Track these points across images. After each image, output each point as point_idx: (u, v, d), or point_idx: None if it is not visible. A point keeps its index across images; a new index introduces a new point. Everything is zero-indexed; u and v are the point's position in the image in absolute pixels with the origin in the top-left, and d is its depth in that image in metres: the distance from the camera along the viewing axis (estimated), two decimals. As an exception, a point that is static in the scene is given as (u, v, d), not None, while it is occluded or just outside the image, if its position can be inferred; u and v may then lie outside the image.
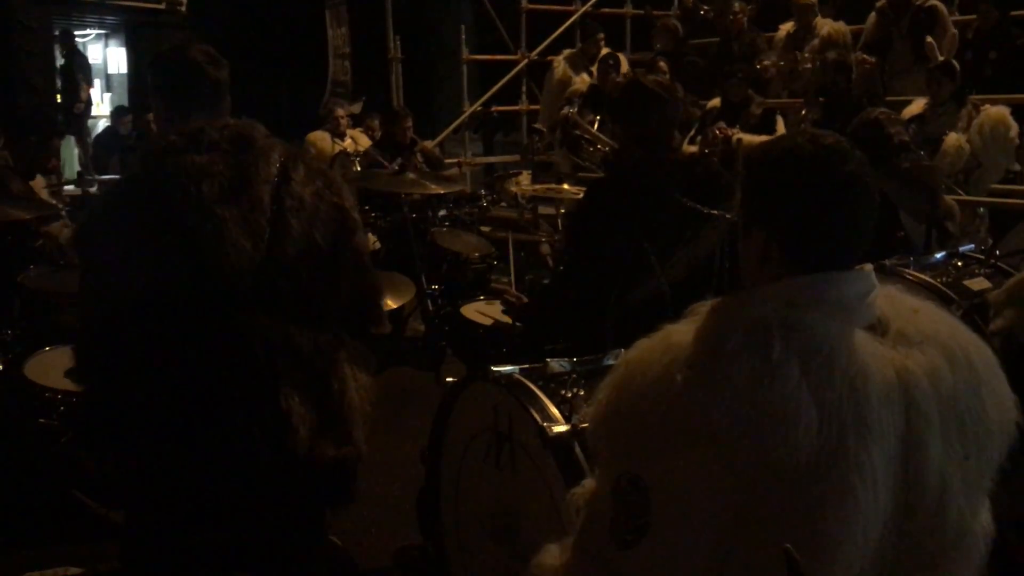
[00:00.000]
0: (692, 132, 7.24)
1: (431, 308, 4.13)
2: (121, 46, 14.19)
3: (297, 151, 2.21)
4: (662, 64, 7.87)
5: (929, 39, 6.51)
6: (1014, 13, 6.86)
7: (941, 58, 6.30)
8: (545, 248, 6.01)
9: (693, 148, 7.00)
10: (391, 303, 3.33)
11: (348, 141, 7.52)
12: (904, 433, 1.31)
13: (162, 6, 11.47)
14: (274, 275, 2.03)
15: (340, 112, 7.85)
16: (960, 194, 5.81)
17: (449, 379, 2.57)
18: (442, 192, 4.66)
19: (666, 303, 2.71)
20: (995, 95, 6.30)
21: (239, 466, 1.98)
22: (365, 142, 7.55)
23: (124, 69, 14.23)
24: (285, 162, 2.10)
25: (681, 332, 1.39)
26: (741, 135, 6.77)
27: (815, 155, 1.39)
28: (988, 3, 6.74)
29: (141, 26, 12.31)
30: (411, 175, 4.29)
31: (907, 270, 3.17)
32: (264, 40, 12.83)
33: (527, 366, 2.29)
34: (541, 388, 2.18)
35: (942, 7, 6.94)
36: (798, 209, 1.40)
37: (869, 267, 1.42)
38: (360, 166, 6.02)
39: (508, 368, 2.25)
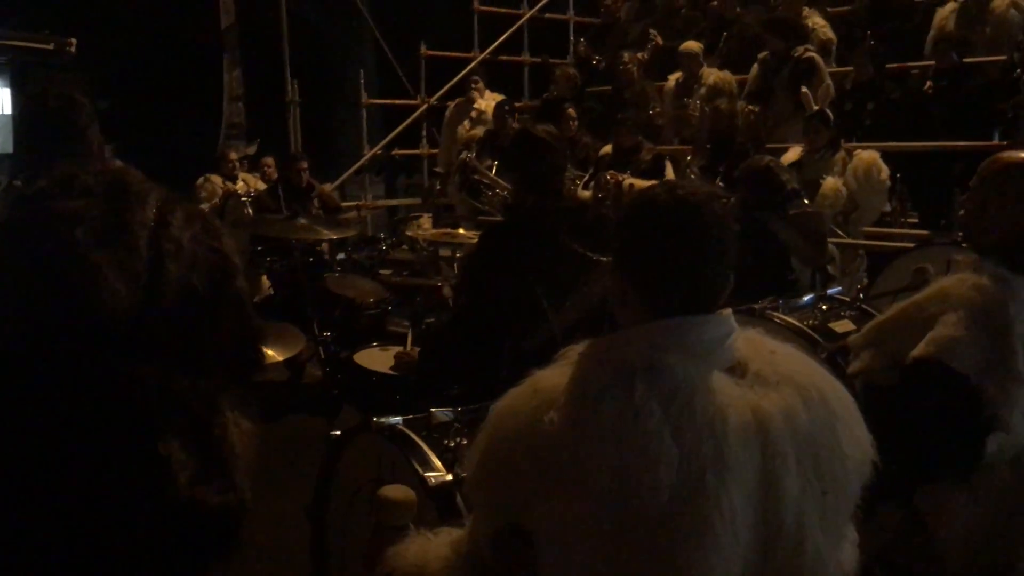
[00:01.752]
0: (586, 177, 7.40)
1: (322, 355, 4.07)
2: (6, 87, 13.71)
3: (174, 195, 2.17)
4: (571, 111, 8.04)
5: (804, 89, 6.84)
6: (889, 67, 7.27)
7: (816, 107, 6.62)
8: (447, 291, 6.02)
9: (587, 193, 7.15)
10: (276, 355, 3.27)
11: (240, 184, 7.44)
12: (761, 471, 1.35)
13: (50, 46, 11.14)
14: (152, 321, 1.99)
15: (232, 155, 7.79)
16: (841, 236, 6.09)
17: (334, 432, 2.56)
18: (334, 237, 4.62)
19: (558, 348, 2.75)
20: (871, 143, 6.63)
21: (116, 516, 1.92)
22: (257, 184, 7.49)
23: (9, 110, 13.74)
24: (162, 207, 2.07)
25: (548, 376, 1.43)
26: (632, 180, 6.95)
27: (669, 206, 1.45)
28: (864, 57, 7.13)
29: (28, 66, 11.92)
30: (303, 220, 4.24)
31: (776, 313, 3.29)
32: (159, 81, 12.61)
33: (410, 416, 2.29)
34: (424, 438, 2.19)
35: (819, 59, 7.30)
36: (649, 256, 1.45)
37: (728, 311, 1.48)
38: (252, 209, 5.94)
39: (392, 419, 2.25)
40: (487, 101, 8.94)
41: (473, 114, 8.72)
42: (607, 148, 7.62)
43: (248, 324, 2.21)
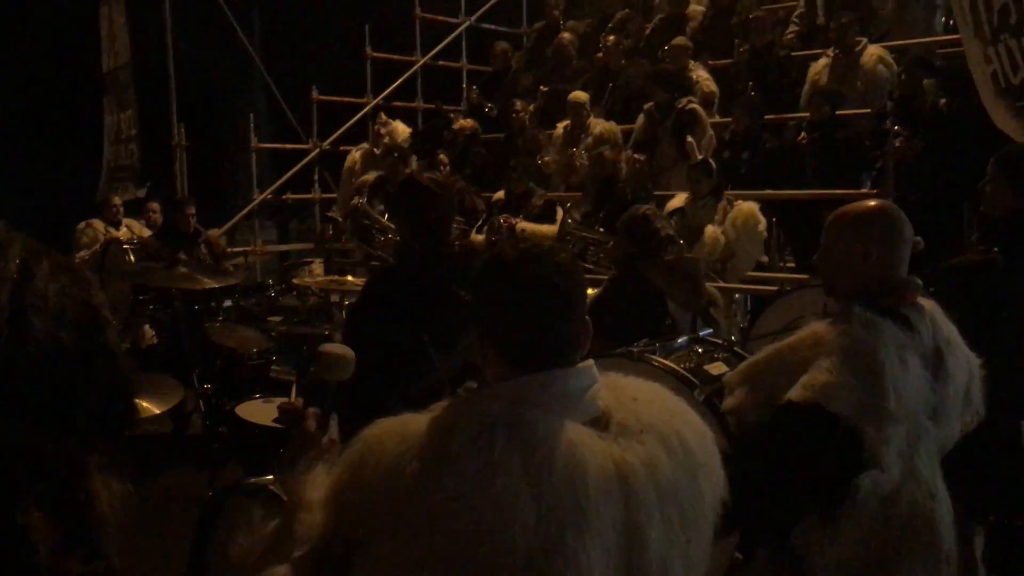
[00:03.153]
0: (479, 222, 7.47)
1: (203, 408, 3.94)
2: None
3: (40, 245, 2.08)
4: (443, 157, 8.13)
5: (689, 139, 7.10)
6: (767, 118, 7.60)
7: (700, 156, 6.87)
8: (338, 338, 5.94)
9: (480, 237, 7.22)
10: (153, 408, 3.16)
11: (124, 230, 7.22)
12: (624, 524, 1.37)
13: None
14: (14, 379, 1.89)
15: (116, 200, 7.56)
16: (719, 282, 6.29)
17: (211, 493, 2.50)
18: (216, 286, 4.50)
19: (446, 396, 2.75)
20: (747, 191, 6.92)
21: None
22: (142, 231, 7.29)
23: None
24: (26, 258, 1.97)
25: (418, 422, 1.43)
26: (524, 225, 7.06)
27: (511, 260, 1.50)
28: (741, 109, 7.45)
29: None
30: (183, 269, 4.11)
31: (654, 356, 3.35)
32: (38, 122, 12.12)
33: (282, 475, 2.23)
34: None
35: (701, 110, 7.59)
36: (502, 313, 1.49)
37: (590, 363, 1.50)
38: (135, 256, 5.76)
39: (265, 479, 2.20)
40: (401, 132, 8.98)
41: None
42: (500, 193, 7.73)
43: (119, 379, 2.12)
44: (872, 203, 2.47)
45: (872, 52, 7.45)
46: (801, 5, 8.60)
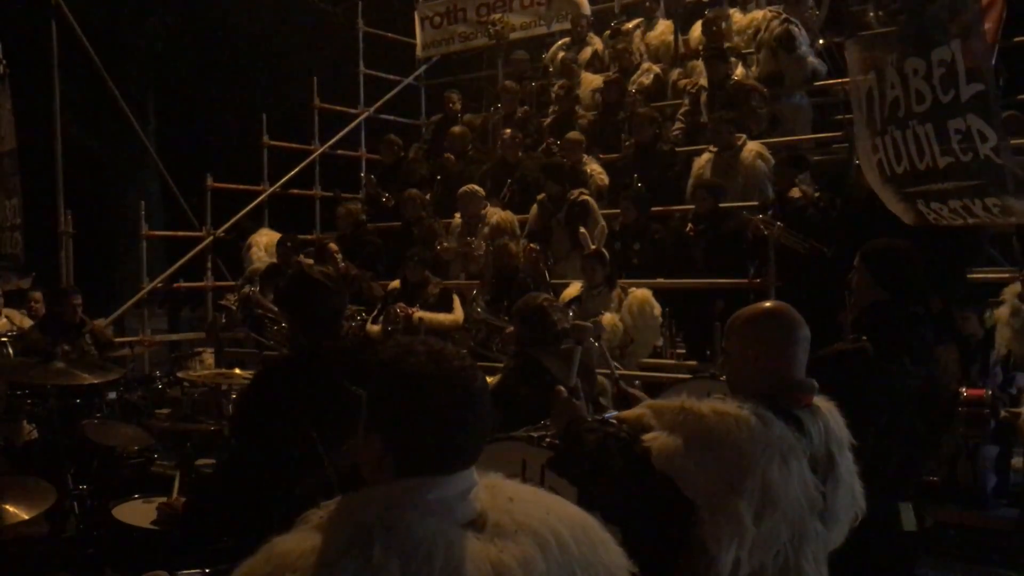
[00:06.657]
0: (375, 312, 7.44)
1: (77, 511, 3.75)
2: None
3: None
4: (332, 245, 8.12)
5: (582, 230, 7.27)
6: (654, 209, 7.86)
7: (592, 247, 7.05)
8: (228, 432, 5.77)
9: (376, 327, 7.18)
10: (21, 513, 2.99)
11: (3, 321, 6.93)
12: None
13: None
14: None
15: (-5, 290, 7.25)
16: (619, 368, 6.39)
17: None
18: (95, 382, 4.32)
19: (334, 494, 2.70)
20: (639, 279, 7.12)
21: None
22: (23, 321, 7.00)
23: None
24: None
25: (286, 541, 1.41)
26: (421, 314, 7.08)
27: (439, 376, 1.49)
28: (629, 201, 7.68)
29: None
30: (60, 364, 3.94)
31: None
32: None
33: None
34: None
35: (592, 201, 7.80)
36: (418, 424, 1.48)
37: (470, 468, 1.51)
38: (13, 349, 5.50)
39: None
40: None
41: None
42: (395, 282, 7.73)
43: None
44: (766, 305, 2.54)
45: (751, 148, 7.82)
46: (686, 104, 9.01)
